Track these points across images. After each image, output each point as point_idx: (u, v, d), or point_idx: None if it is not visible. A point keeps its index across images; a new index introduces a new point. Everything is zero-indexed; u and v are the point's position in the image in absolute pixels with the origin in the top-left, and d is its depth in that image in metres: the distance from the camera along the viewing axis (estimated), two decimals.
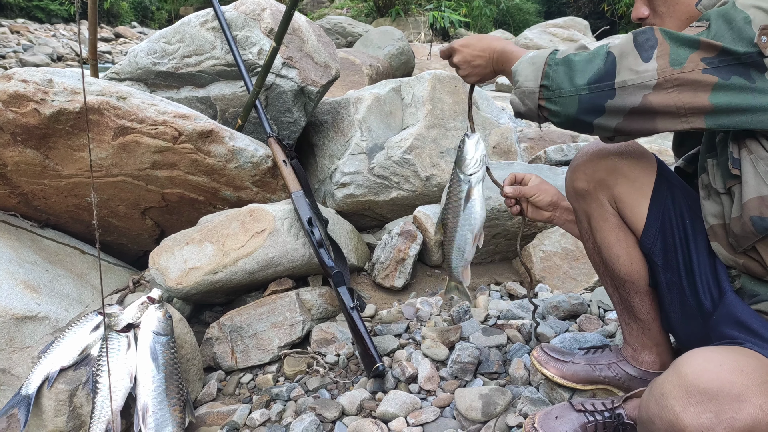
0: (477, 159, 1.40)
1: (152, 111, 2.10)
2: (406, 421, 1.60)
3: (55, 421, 1.55)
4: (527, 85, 1.11)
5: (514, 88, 1.14)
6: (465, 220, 1.44)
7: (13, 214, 2.30)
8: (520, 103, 1.14)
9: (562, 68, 1.06)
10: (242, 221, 2.09)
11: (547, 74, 1.08)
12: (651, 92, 0.98)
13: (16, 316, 1.87)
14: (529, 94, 1.11)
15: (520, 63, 1.14)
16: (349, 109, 2.82)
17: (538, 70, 1.09)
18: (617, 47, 1.02)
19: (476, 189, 1.42)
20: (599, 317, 1.91)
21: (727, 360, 0.91)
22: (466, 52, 1.32)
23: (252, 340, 1.99)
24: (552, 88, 1.07)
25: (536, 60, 1.11)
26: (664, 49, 0.98)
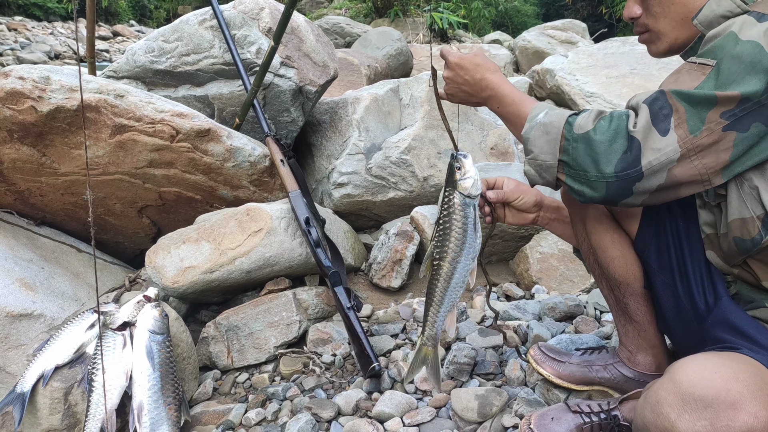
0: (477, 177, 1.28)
1: (150, 109, 2.09)
2: (402, 422, 1.60)
3: (49, 419, 1.54)
4: (544, 159, 1.06)
5: (528, 158, 1.10)
6: (470, 247, 1.28)
7: (9, 211, 2.29)
8: (536, 175, 1.10)
9: (582, 147, 1.01)
10: (239, 220, 2.09)
11: (565, 149, 1.04)
12: (675, 165, 0.97)
13: (11, 313, 1.86)
14: (547, 168, 1.07)
15: (531, 130, 1.09)
16: (347, 109, 2.82)
17: (555, 142, 1.05)
18: (640, 130, 0.97)
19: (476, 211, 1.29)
20: (595, 319, 1.92)
21: (723, 367, 0.91)
22: (459, 74, 1.26)
23: (248, 339, 1.99)
24: (574, 167, 1.03)
25: (550, 130, 1.06)
26: (681, 116, 0.95)
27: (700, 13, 1.08)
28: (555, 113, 1.08)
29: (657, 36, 1.17)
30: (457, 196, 1.27)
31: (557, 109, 1.10)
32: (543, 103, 1.16)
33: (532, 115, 1.11)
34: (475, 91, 1.25)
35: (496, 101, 1.22)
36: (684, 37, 1.14)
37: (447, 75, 1.29)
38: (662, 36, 1.16)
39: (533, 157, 1.08)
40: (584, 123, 1.03)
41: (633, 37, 4.94)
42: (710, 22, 1.06)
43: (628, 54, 4.28)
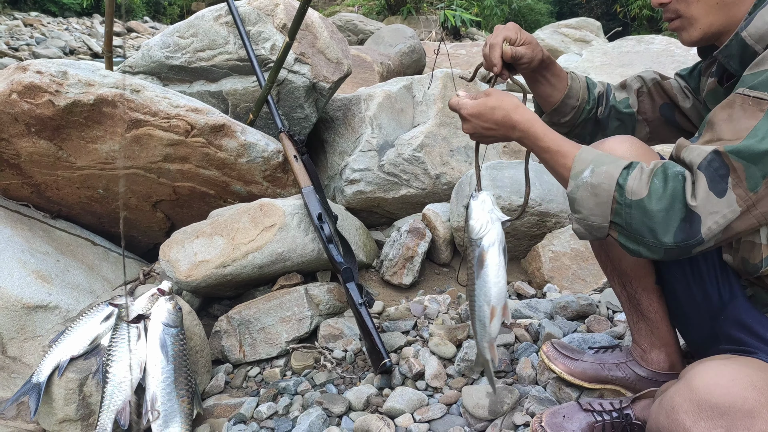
0: (485, 220, 1.22)
1: (165, 104, 2.11)
2: (413, 418, 1.60)
3: (65, 409, 1.56)
4: (594, 221, 1.02)
5: (576, 217, 1.06)
6: (480, 289, 1.25)
7: (26, 204, 2.32)
8: (586, 233, 1.06)
9: (637, 214, 0.97)
10: (252, 215, 2.10)
11: (617, 213, 0.99)
12: (735, 220, 0.94)
13: (27, 305, 1.89)
14: (597, 228, 1.03)
15: (577, 190, 1.03)
16: (360, 105, 2.82)
17: (605, 205, 1.00)
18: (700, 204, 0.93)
19: (489, 254, 1.22)
20: (608, 318, 1.91)
21: (740, 374, 0.91)
22: (477, 124, 1.17)
23: (260, 333, 2.00)
24: (628, 230, 0.99)
25: (599, 192, 1.01)
26: (739, 175, 0.92)
27: (750, 23, 1.01)
28: (602, 171, 1.01)
29: (689, 22, 1.11)
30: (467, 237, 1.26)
31: (603, 163, 1.03)
32: (585, 152, 1.07)
33: (575, 170, 1.05)
34: (502, 133, 1.16)
35: (528, 142, 1.15)
36: (719, 24, 1.08)
37: (467, 128, 1.20)
38: (695, 22, 1.10)
39: (582, 218, 1.04)
40: (637, 188, 0.97)
41: (648, 36, 4.90)
42: (762, 37, 0.99)
43: (643, 53, 4.24)
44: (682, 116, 1.36)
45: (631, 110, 1.40)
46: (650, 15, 13.99)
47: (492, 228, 1.22)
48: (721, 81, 1.17)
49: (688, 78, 1.35)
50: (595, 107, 1.41)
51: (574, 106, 1.39)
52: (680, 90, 1.35)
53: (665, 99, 1.38)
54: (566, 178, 1.08)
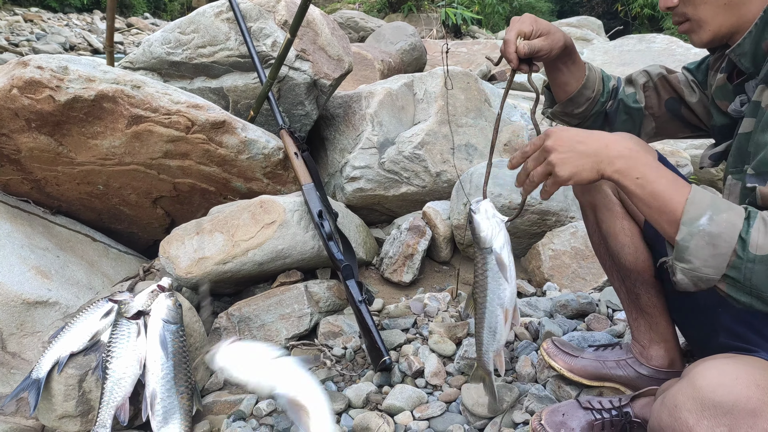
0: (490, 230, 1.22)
1: (166, 100, 2.11)
2: (413, 415, 1.60)
3: (64, 405, 1.56)
4: (706, 273, 0.91)
5: (684, 267, 0.93)
6: (493, 294, 1.26)
7: (26, 200, 2.32)
8: (691, 284, 0.95)
9: (761, 269, 0.88)
10: (253, 212, 2.10)
11: (736, 267, 0.90)
12: None
13: (27, 300, 1.89)
14: (707, 280, 0.93)
15: (691, 238, 0.91)
16: (360, 103, 2.82)
17: (723, 257, 0.90)
18: None
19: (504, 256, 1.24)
20: (608, 317, 1.91)
21: (744, 373, 0.90)
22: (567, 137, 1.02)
23: (260, 330, 2.00)
24: (745, 284, 0.90)
25: (718, 243, 0.90)
26: None
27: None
28: (723, 220, 0.91)
29: (698, 24, 1.10)
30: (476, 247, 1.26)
31: (722, 210, 0.92)
32: (699, 194, 0.94)
33: (690, 215, 0.92)
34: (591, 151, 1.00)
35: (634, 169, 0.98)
36: (729, 24, 1.07)
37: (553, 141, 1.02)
38: (704, 24, 1.09)
39: (693, 269, 0.92)
40: (763, 242, 0.88)
41: (649, 35, 4.89)
42: None
43: (644, 52, 4.24)
44: (689, 110, 1.35)
45: (639, 105, 1.38)
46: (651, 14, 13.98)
47: (499, 232, 1.24)
48: (731, 77, 1.17)
49: (695, 72, 1.33)
50: (608, 100, 1.39)
51: (589, 98, 1.36)
52: (687, 84, 1.34)
53: (671, 93, 1.36)
54: (674, 222, 0.94)
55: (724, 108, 1.18)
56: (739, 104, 1.12)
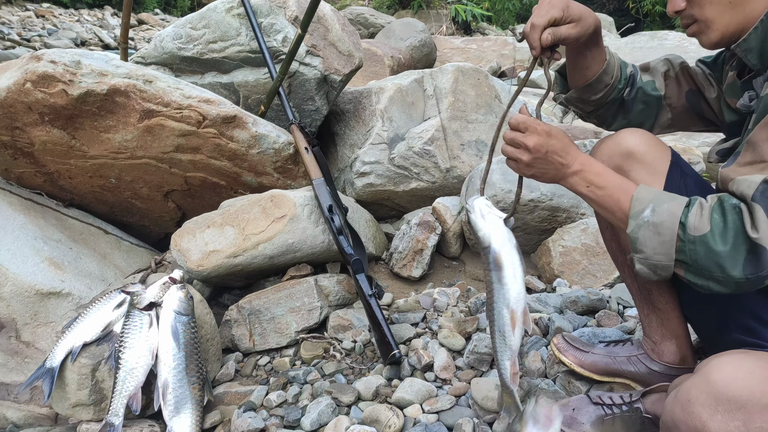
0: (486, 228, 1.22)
1: (177, 95, 2.12)
2: (422, 408, 1.61)
3: (77, 394, 1.58)
4: (659, 260, 1.02)
5: (638, 257, 1.05)
6: (498, 293, 1.24)
7: (39, 192, 2.34)
8: (651, 273, 1.05)
9: (702, 250, 0.97)
10: (263, 206, 2.11)
11: (682, 250, 1.00)
12: None
13: (40, 291, 1.91)
14: (662, 267, 1.03)
15: (639, 229, 1.03)
16: (371, 98, 2.82)
17: (669, 244, 1.00)
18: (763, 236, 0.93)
19: (503, 255, 1.22)
20: (618, 313, 1.90)
21: (758, 368, 0.90)
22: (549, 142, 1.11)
23: (270, 323, 2.01)
24: (695, 266, 0.99)
25: (662, 231, 1.01)
26: None
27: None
28: (663, 210, 1.02)
29: (706, 25, 1.10)
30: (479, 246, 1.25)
31: (663, 201, 1.03)
32: (643, 191, 1.07)
33: (635, 210, 1.05)
34: (560, 164, 1.13)
35: (585, 180, 1.12)
36: (735, 23, 1.07)
37: (536, 142, 1.12)
38: (711, 24, 1.09)
39: (645, 258, 1.04)
40: (699, 224, 0.98)
41: (661, 32, 4.86)
42: None
43: (657, 48, 4.21)
44: (707, 105, 1.33)
45: (658, 93, 1.35)
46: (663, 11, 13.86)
47: (496, 230, 1.22)
48: (741, 74, 1.16)
49: (712, 66, 1.31)
50: (625, 87, 1.36)
51: (607, 84, 1.33)
52: (704, 78, 1.32)
53: (692, 85, 1.34)
54: (624, 218, 1.07)
55: (734, 105, 1.18)
56: (748, 99, 1.11)
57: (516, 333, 1.25)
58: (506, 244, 1.21)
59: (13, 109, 2.03)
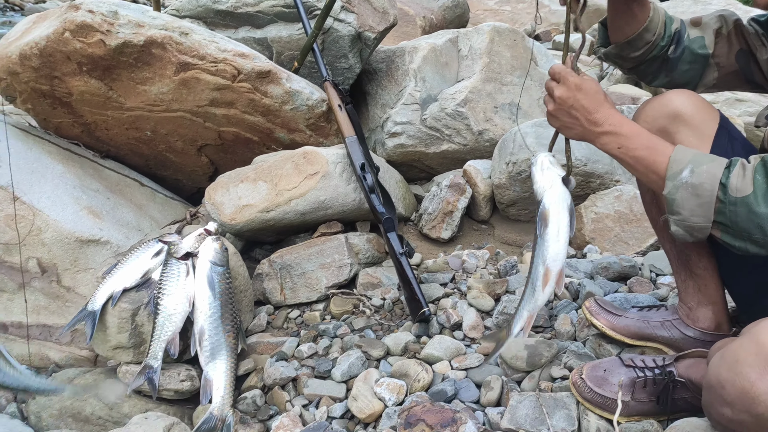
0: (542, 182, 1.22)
1: (213, 48, 2.11)
2: (450, 365, 1.63)
3: (118, 337, 1.64)
4: (696, 222, 1.01)
5: (675, 218, 1.04)
6: (539, 248, 1.23)
7: (76, 143, 2.38)
8: (687, 235, 1.04)
9: (743, 211, 0.96)
10: (296, 162, 2.12)
11: (721, 212, 0.99)
12: None
13: (80, 238, 1.96)
14: (699, 229, 1.02)
15: (676, 190, 1.02)
16: (404, 58, 2.78)
17: (708, 206, 0.99)
18: None
19: (551, 212, 1.20)
20: (651, 281, 1.89)
21: None
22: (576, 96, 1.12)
23: (300, 278, 2.04)
24: (734, 228, 0.98)
25: (701, 192, 0.99)
26: None
27: None
28: (703, 171, 1.00)
29: None
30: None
31: (703, 163, 1.01)
32: (680, 152, 1.05)
33: (673, 171, 1.03)
34: (588, 121, 1.12)
35: (615, 141, 1.10)
36: None
37: (561, 94, 1.13)
38: None
39: (682, 219, 1.03)
40: (741, 185, 0.97)
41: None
42: None
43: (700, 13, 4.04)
44: (757, 67, 1.29)
45: (706, 51, 1.30)
46: None
47: (550, 186, 1.21)
48: None
49: (765, 25, 1.26)
50: (668, 45, 1.31)
51: (648, 41, 1.29)
52: (757, 38, 1.27)
53: (743, 45, 1.29)
54: (659, 179, 1.06)
55: None
56: None
57: (545, 290, 1.25)
58: (557, 202, 1.20)
59: (53, 59, 2.05)
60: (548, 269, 1.23)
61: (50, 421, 1.64)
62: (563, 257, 1.23)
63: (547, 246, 1.22)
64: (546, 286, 1.24)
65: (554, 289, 1.24)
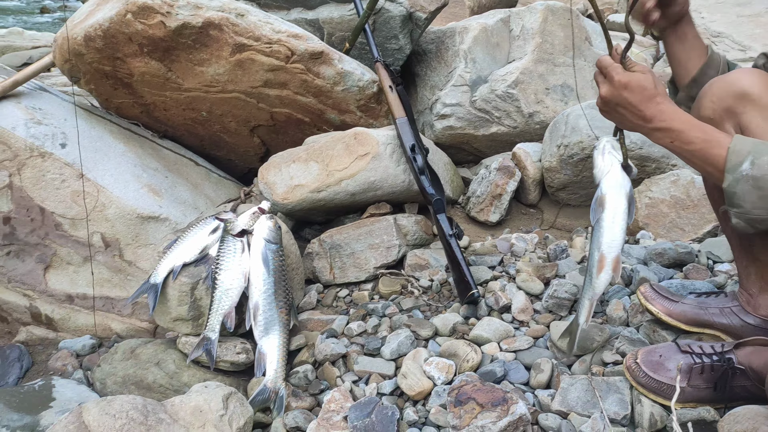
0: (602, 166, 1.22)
1: (268, 29, 2.15)
2: (499, 347, 1.64)
3: (178, 309, 1.71)
4: (759, 214, 1.02)
5: (737, 211, 1.04)
6: (594, 233, 1.23)
7: (136, 123, 2.47)
8: (748, 227, 1.05)
9: None
10: (347, 143, 2.14)
11: None
12: None
13: (141, 215, 2.05)
14: (761, 221, 1.03)
15: (737, 183, 1.02)
16: (454, 38, 2.76)
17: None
18: None
19: (608, 197, 1.21)
20: (708, 268, 1.84)
21: None
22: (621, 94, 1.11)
23: (349, 258, 2.08)
24: None
25: (763, 185, 0.99)
26: None
27: None
28: (764, 162, 0.99)
29: None
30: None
31: (763, 154, 1.00)
32: (739, 142, 1.04)
33: (732, 163, 1.02)
34: (637, 117, 1.12)
35: (668, 135, 1.10)
36: None
37: (605, 93, 1.14)
38: None
39: (743, 212, 1.03)
40: None
41: None
42: None
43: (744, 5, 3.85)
44: None
45: None
46: None
47: (609, 171, 1.21)
48: None
49: None
50: None
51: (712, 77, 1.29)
52: None
53: None
54: (717, 172, 1.05)
55: None
56: None
57: (600, 278, 1.25)
58: (615, 188, 1.20)
59: (115, 40, 2.12)
60: (603, 256, 1.23)
61: (114, 388, 1.72)
62: (619, 244, 1.22)
63: (603, 232, 1.22)
64: (601, 273, 1.24)
65: (611, 277, 1.24)
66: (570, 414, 1.33)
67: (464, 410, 1.29)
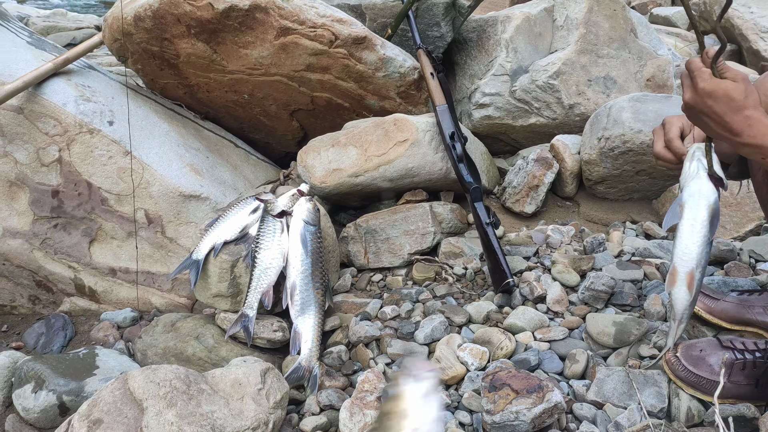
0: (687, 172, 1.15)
1: (312, 13, 2.16)
2: (534, 336, 1.64)
3: (218, 285, 1.75)
4: None
5: None
6: (673, 244, 1.17)
7: (179, 104, 2.52)
8: None
9: None
10: (386, 129, 2.15)
11: None
12: None
13: (183, 193, 2.10)
14: None
15: None
16: (496, 27, 2.73)
17: None
18: None
19: (687, 205, 1.13)
20: (750, 266, 1.80)
21: None
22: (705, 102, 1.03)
23: (384, 243, 2.09)
24: None
25: None
26: None
27: None
28: None
29: None
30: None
31: None
32: None
33: None
34: (722, 128, 1.03)
35: (759, 152, 1.02)
36: None
37: (688, 99, 1.06)
38: None
39: None
40: None
41: None
42: None
43: None
44: None
45: None
46: None
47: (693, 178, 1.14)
48: None
49: None
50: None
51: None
52: None
53: None
54: None
55: None
56: None
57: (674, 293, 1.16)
58: (696, 196, 1.13)
59: (164, 21, 2.17)
60: (675, 269, 1.16)
61: (155, 359, 1.78)
62: (694, 258, 1.13)
63: (677, 242, 1.15)
64: (674, 287, 1.16)
65: (687, 295, 1.14)
66: (605, 404, 1.33)
67: (499, 395, 1.30)
